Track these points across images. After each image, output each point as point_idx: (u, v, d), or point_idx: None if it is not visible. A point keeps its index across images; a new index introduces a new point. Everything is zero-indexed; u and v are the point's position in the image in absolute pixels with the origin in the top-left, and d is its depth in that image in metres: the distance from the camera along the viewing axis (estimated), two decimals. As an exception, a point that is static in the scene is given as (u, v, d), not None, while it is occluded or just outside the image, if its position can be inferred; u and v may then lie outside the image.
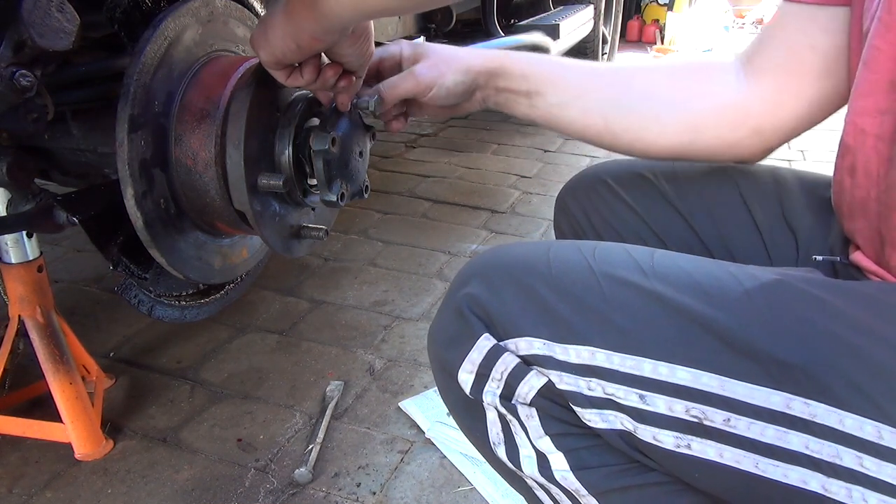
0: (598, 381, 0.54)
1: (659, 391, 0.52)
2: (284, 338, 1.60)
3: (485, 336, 0.58)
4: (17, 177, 0.97)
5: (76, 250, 2.01)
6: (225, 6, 0.96)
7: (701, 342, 0.52)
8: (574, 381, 0.55)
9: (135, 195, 0.83)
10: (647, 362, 0.52)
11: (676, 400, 0.51)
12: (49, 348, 1.20)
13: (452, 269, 1.94)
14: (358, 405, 1.36)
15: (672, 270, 0.56)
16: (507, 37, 2.14)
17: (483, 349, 0.58)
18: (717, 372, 0.51)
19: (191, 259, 0.94)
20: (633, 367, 0.53)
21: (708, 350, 0.51)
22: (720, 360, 0.51)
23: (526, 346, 0.57)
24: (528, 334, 0.56)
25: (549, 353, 0.55)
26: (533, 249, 0.61)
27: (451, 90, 0.81)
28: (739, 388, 0.50)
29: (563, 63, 0.84)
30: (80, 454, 1.20)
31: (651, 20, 6.19)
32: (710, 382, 0.51)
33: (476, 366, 0.59)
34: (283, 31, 0.67)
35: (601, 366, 0.54)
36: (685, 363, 0.51)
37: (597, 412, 0.55)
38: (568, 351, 0.55)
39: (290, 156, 0.85)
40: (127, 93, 0.81)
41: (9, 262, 1.17)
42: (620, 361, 0.53)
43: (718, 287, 0.54)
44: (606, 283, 0.56)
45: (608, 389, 0.54)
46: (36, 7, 0.70)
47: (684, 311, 0.53)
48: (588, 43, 3.17)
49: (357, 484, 1.16)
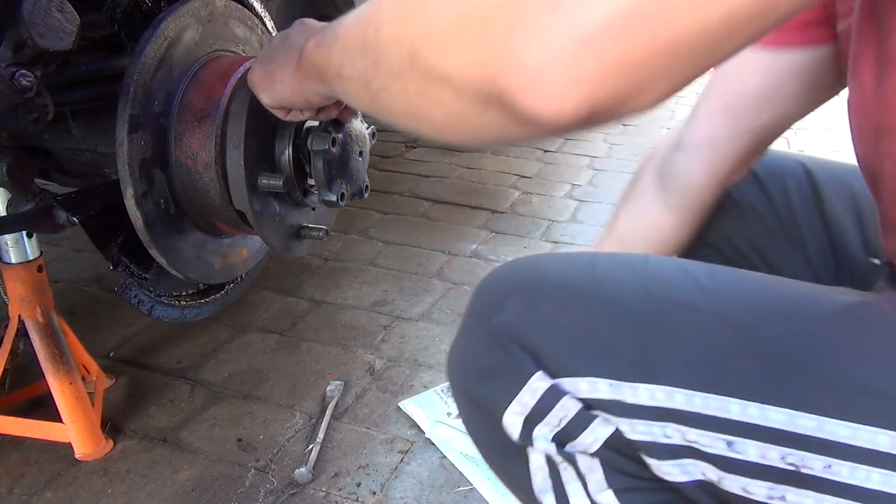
0: (677, 426, 0.47)
1: (750, 435, 0.45)
2: (284, 338, 1.60)
3: (538, 375, 0.50)
4: (17, 177, 0.97)
5: (76, 250, 2.01)
6: (225, 6, 0.96)
7: (791, 376, 0.45)
8: (648, 429, 0.48)
9: (135, 195, 0.83)
10: (735, 402, 0.45)
11: (770, 446, 0.45)
12: (49, 348, 1.20)
13: (452, 268, 1.94)
14: (358, 405, 1.36)
15: (737, 288, 0.50)
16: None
17: (537, 391, 0.50)
18: (813, 411, 0.44)
19: (191, 259, 0.94)
20: (719, 409, 0.45)
21: (800, 385, 0.45)
22: (815, 396, 0.44)
23: (588, 389, 0.49)
24: (590, 373, 0.49)
25: (618, 397, 0.48)
26: (576, 265, 0.54)
27: None
28: (840, 429, 0.43)
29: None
30: (80, 454, 1.20)
31: (651, 20, 6.18)
32: (807, 424, 0.44)
33: (528, 409, 0.51)
34: (292, 87, 0.65)
35: (680, 408, 0.46)
36: (777, 402, 0.44)
37: (675, 463, 0.47)
38: (638, 391, 0.47)
39: (290, 156, 0.85)
40: (127, 93, 0.81)
41: (9, 262, 1.17)
42: (703, 402, 0.46)
43: (797, 310, 0.48)
44: (669, 307, 0.49)
45: (689, 436, 0.46)
46: (36, 7, 0.70)
47: (765, 338, 0.46)
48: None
49: (357, 484, 1.16)
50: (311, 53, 0.58)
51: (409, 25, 0.37)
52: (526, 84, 0.31)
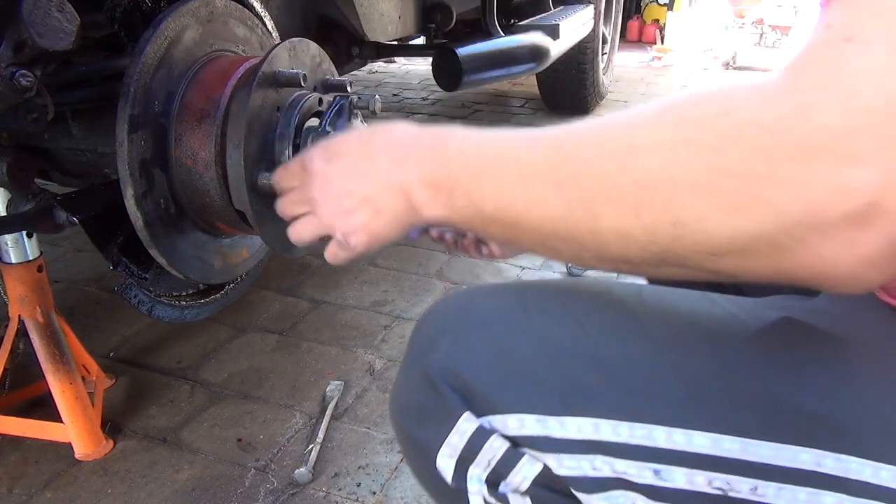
0: (605, 457, 0.46)
1: (676, 462, 0.45)
2: (284, 338, 1.60)
3: (465, 416, 0.50)
4: (17, 177, 0.97)
5: (76, 250, 2.01)
6: (225, 6, 0.96)
7: (715, 399, 0.45)
8: (576, 464, 0.47)
9: (135, 195, 0.83)
10: (660, 430, 0.45)
11: (697, 471, 0.44)
12: (49, 348, 1.20)
13: (452, 269, 1.94)
14: (358, 405, 1.36)
15: (666, 311, 0.50)
16: (507, 37, 2.14)
17: (465, 433, 0.50)
18: (737, 433, 0.44)
19: (191, 259, 0.94)
20: (644, 437, 0.45)
21: (723, 408, 0.45)
22: (739, 418, 0.44)
23: (516, 425, 0.48)
24: (518, 409, 0.48)
25: (545, 433, 0.47)
26: (507, 298, 0.53)
27: None
28: (763, 450, 0.43)
29: None
30: (80, 454, 1.20)
31: (651, 20, 6.18)
32: (731, 447, 0.44)
33: (458, 451, 0.50)
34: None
35: (606, 439, 0.46)
36: (702, 426, 0.44)
37: (605, 496, 0.47)
38: (566, 425, 0.47)
39: (290, 156, 0.85)
40: (127, 93, 0.81)
41: (9, 262, 1.17)
42: (629, 432, 0.46)
43: (723, 331, 0.48)
44: (598, 335, 0.48)
45: (617, 467, 0.46)
46: (36, 7, 0.70)
47: (691, 364, 0.46)
48: (588, 43, 3.17)
49: (357, 484, 1.16)
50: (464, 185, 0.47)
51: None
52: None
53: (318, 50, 0.94)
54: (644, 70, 5.08)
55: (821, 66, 0.34)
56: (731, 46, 5.31)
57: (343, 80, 0.93)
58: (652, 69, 5.13)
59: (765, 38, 5.55)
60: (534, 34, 2.26)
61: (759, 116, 0.35)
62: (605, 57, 3.78)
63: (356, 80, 4.46)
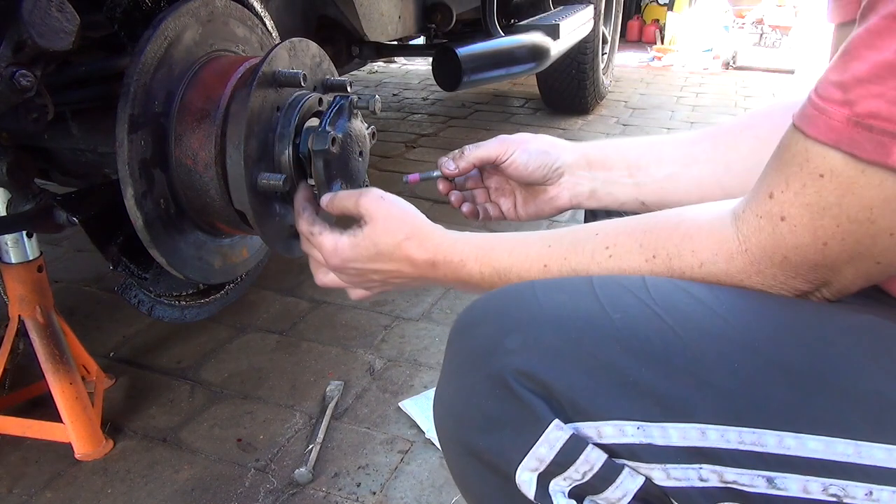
0: (713, 466, 0.43)
1: (789, 469, 0.42)
2: (284, 338, 1.60)
3: (555, 424, 0.45)
4: (17, 177, 0.97)
5: (76, 250, 2.01)
6: (225, 6, 0.96)
7: (821, 400, 0.43)
8: (683, 473, 0.44)
9: (135, 195, 0.83)
10: (770, 434, 0.42)
11: (811, 478, 0.42)
12: (49, 348, 1.20)
13: (452, 269, 1.94)
14: (358, 405, 1.36)
15: (745, 311, 0.48)
16: (507, 37, 2.14)
17: (555, 442, 0.45)
18: (849, 435, 0.42)
19: (191, 259, 0.94)
20: (755, 443, 0.42)
21: (832, 409, 0.42)
22: (849, 419, 0.42)
23: (614, 433, 0.45)
24: (615, 416, 0.44)
25: (647, 440, 0.44)
26: (576, 291, 0.50)
27: (533, 158, 0.78)
28: (877, 452, 0.41)
29: (654, 137, 0.80)
30: (80, 454, 1.20)
31: (651, 20, 6.19)
32: (845, 450, 0.41)
33: (545, 463, 0.46)
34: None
35: (714, 446, 0.43)
36: (812, 430, 0.42)
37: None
38: (668, 432, 0.44)
39: (290, 156, 0.85)
40: (127, 93, 0.81)
41: (9, 262, 1.17)
42: (738, 437, 0.43)
43: (813, 330, 0.46)
44: (684, 332, 0.45)
45: (727, 476, 0.43)
46: (36, 7, 0.70)
47: (790, 363, 0.44)
48: (588, 43, 3.17)
49: (357, 484, 1.16)
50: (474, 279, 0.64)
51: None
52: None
53: (318, 50, 0.94)
54: (644, 70, 5.08)
55: (764, 236, 0.48)
56: (731, 46, 5.31)
57: (343, 80, 0.93)
58: (652, 69, 5.13)
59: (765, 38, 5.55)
60: (534, 34, 2.26)
61: (724, 269, 0.50)
62: (605, 57, 3.78)
63: (356, 80, 4.46)
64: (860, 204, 0.43)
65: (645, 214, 0.60)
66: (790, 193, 0.46)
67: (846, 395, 0.43)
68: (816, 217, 0.45)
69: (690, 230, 0.53)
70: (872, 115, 0.41)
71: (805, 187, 0.45)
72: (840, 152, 0.42)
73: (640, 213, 0.60)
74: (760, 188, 0.49)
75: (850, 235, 0.44)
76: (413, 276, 0.69)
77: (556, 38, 2.35)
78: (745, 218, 0.49)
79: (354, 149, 0.89)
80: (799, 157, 0.45)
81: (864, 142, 0.41)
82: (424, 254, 0.66)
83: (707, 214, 0.54)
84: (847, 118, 0.42)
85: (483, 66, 1.99)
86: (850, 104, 0.42)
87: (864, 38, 0.41)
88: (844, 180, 0.43)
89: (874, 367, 0.44)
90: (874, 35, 0.40)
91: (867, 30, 0.41)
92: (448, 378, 0.52)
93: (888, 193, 0.42)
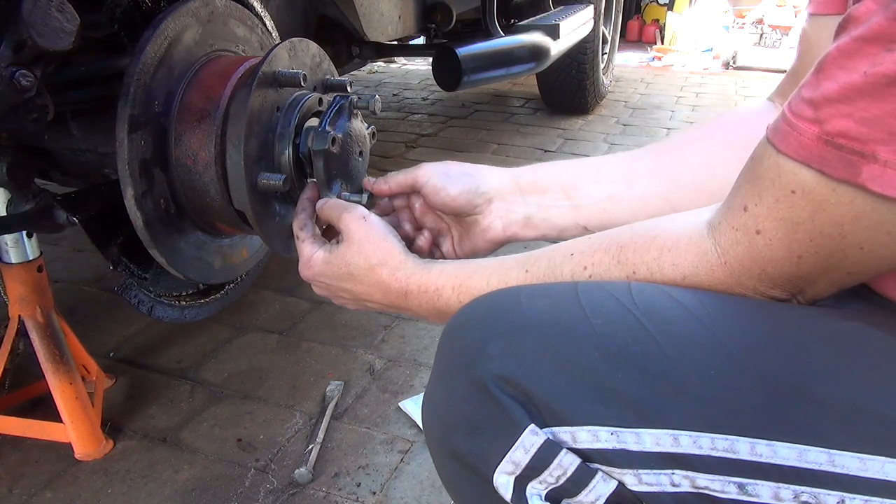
0: (685, 472, 0.44)
1: (761, 476, 0.43)
2: (284, 338, 1.60)
3: (530, 429, 0.46)
4: (17, 177, 0.97)
5: (76, 250, 2.01)
6: (225, 6, 0.96)
7: (796, 407, 0.43)
8: (655, 479, 0.44)
9: (135, 195, 0.83)
10: (743, 441, 0.43)
11: (782, 485, 0.42)
12: (49, 348, 1.20)
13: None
14: (358, 405, 1.36)
15: (728, 316, 0.48)
16: (507, 37, 2.14)
17: (531, 446, 0.46)
18: (822, 444, 0.42)
19: (191, 259, 0.94)
20: (727, 450, 0.43)
21: (806, 417, 0.43)
22: (823, 427, 0.42)
23: (588, 438, 0.45)
24: (589, 421, 0.45)
25: (620, 446, 0.45)
26: (559, 297, 0.51)
27: (453, 181, 0.75)
28: (850, 461, 0.41)
29: (592, 158, 0.78)
30: (80, 454, 1.20)
31: (651, 20, 6.19)
32: (818, 458, 0.42)
33: (520, 467, 0.47)
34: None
35: (687, 452, 0.44)
36: (785, 437, 0.42)
37: None
38: (642, 438, 0.44)
39: (290, 156, 0.85)
40: (127, 93, 0.81)
41: (9, 262, 1.17)
42: (710, 444, 0.43)
43: (793, 337, 0.47)
44: (665, 342, 0.46)
45: (699, 482, 0.44)
46: (36, 7, 0.70)
47: (767, 370, 0.44)
48: (588, 43, 3.17)
49: (357, 484, 1.16)
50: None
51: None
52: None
53: (318, 50, 0.94)
54: (644, 70, 5.08)
55: (741, 249, 0.48)
56: (731, 46, 5.31)
57: (343, 80, 0.93)
58: (652, 69, 5.14)
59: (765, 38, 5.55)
60: (534, 34, 2.26)
61: (706, 281, 0.51)
62: (605, 57, 3.78)
63: (356, 80, 4.46)
64: (832, 220, 0.43)
65: (617, 228, 0.59)
66: (763, 208, 0.46)
67: (821, 403, 0.43)
68: (790, 232, 0.45)
69: (667, 243, 0.52)
70: (842, 134, 0.41)
71: (778, 202, 0.45)
72: (811, 170, 0.43)
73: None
74: (734, 200, 0.49)
75: (823, 249, 0.45)
76: (384, 304, 0.69)
77: (556, 38, 2.35)
78: (722, 230, 0.50)
79: (354, 149, 0.89)
80: (771, 171, 0.46)
81: (834, 161, 0.41)
82: (396, 283, 0.65)
83: (683, 226, 0.53)
84: (818, 136, 0.42)
85: (483, 66, 1.99)
86: (821, 122, 0.42)
87: (836, 58, 0.41)
88: (816, 197, 0.43)
89: (850, 375, 0.44)
90: (845, 55, 0.41)
91: (839, 49, 0.41)
92: (435, 381, 0.53)
93: (858, 211, 0.42)
